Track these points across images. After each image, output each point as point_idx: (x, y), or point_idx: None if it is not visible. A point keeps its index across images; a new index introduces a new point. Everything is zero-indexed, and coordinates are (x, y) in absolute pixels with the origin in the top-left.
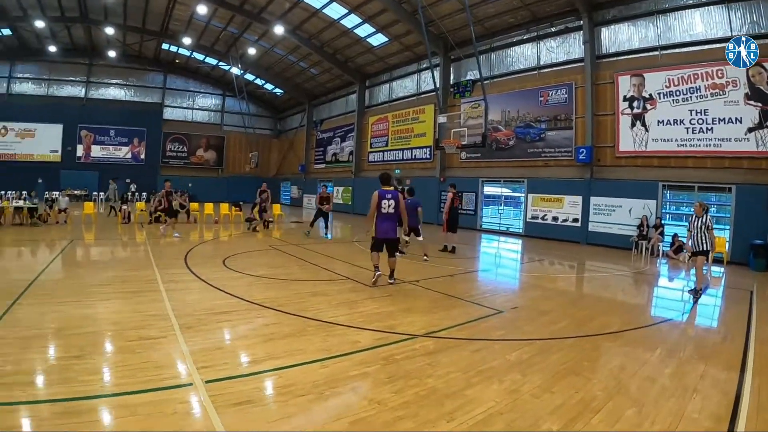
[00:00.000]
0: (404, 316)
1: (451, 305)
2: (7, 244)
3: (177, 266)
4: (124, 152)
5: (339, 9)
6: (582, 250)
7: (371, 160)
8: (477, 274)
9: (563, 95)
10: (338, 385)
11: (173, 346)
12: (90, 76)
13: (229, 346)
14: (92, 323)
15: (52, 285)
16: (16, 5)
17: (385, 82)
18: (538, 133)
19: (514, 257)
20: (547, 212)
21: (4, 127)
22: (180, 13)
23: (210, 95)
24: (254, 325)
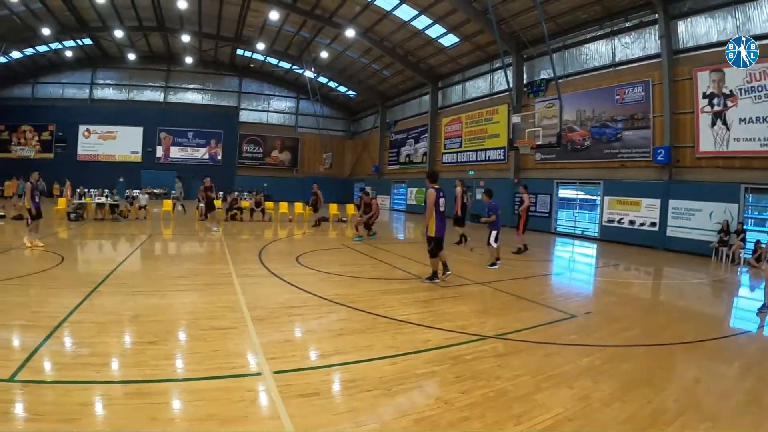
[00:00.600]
0: (475, 317)
1: (523, 308)
2: (89, 237)
3: (251, 261)
4: (202, 153)
5: (409, 10)
6: (659, 256)
7: (445, 161)
8: (550, 277)
9: (640, 93)
10: (405, 382)
11: (244, 337)
12: (168, 82)
13: (299, 339)
14: (167, 312)
15: (130, 276)
16: (96, 17)
17: (457, 82)
18: (614, 133)
19: (589, 261)
20: (624, 215)
21: (87, 130)
22: (253, 20)
23: (284, 98)
24: (324, 320)
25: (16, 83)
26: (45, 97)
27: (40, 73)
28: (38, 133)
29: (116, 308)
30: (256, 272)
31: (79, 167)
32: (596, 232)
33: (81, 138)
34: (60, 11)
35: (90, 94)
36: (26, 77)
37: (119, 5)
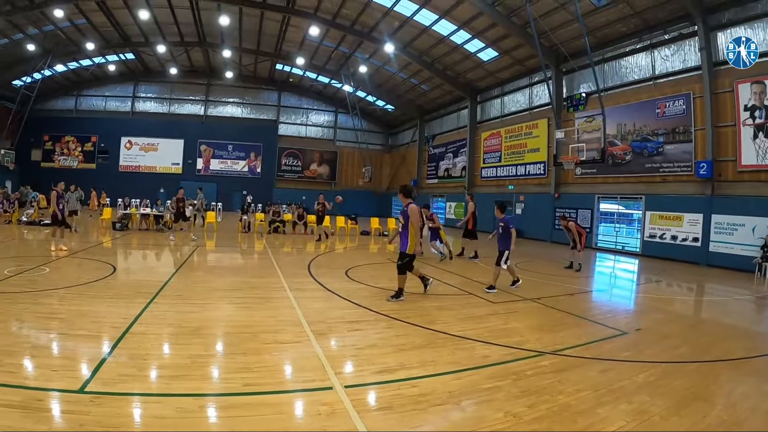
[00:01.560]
0: (530, 333)
1: (575, 324)
2: (136, 247)
3: (301, 275)
4: (242, 165)
5: (448, 25)
6: (701, 272)
7: (484, 175)
8: (596, 293)
9: (681, 106)
10: (473, 396)
11: (309, 351)
12: (208, 95)
13: (363, 353)
14: (228, 325)
15: (184, 287)
16: (138, 32)
17: (496, 96)
18: (655, 146)
19: (632, 277)
20: (666, 231)
21: (129, 142)
22: (293, 35)
23: (323, 112)
24: (384, 335)
25: (60, 95)
26: (88, 109)
27: (83, 86)
28: (81, 144)
29: (177, 320)
30: (308, 286)
31: (121, 178)
32: (638, 248)
33: (123, 149)
34: (103, 27)
35: (132, 106)
36: (70, 90)
37: (162, 21)
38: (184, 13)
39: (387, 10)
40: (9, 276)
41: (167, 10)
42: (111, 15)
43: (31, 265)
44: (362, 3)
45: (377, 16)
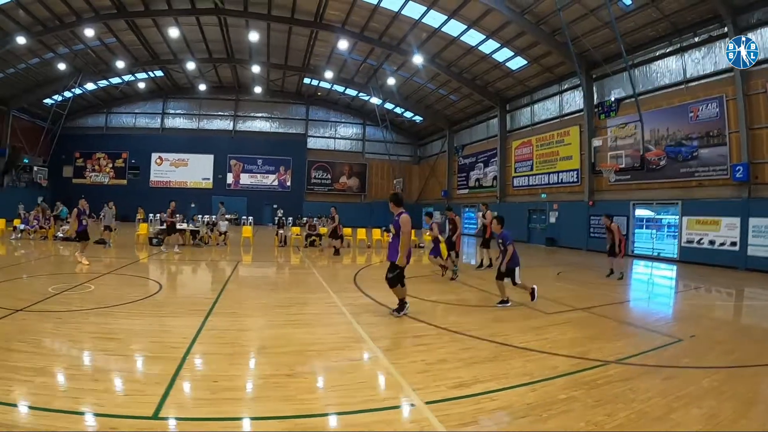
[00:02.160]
0: (590, 343)
1: (630, 333)
2: (176, 263)
3: (350, 289)
4: (271, 179)
5: (477, 35)
6: (740, 276)
7: (516, 184)
8: (641, 301)
9: (714, 109)
10: (552, 407)
11: (380, 368)
12: (237, 111)
13: (434, 368)
14: (291, 343)
15: (236, 304)
16: (167, 50)
17: (525, 105)
18: (690, 151)
19: (672, 284)
20: (703, 236)
21: (160, 158)
22: (320, 49)
23: (351, 124)
24: (450, 349)
25: (91, 113)
26: (118, 126)
27: (112, 104)
28: (112, 161)
29: (237, 339)
30: (359, 300)
31: (152, 193)
32: (675, 254)
33: (153, 165)
34: (132, 45)
35: (161, 123)
36: (100, 107)
37: (190, 39)
38: (212, 30)
39: (415, 22)
40: (54, 293)
41: (196, 27)
42: (140, 34)
43: (74, 282)
44: (390, 16)
45: (405, 28)
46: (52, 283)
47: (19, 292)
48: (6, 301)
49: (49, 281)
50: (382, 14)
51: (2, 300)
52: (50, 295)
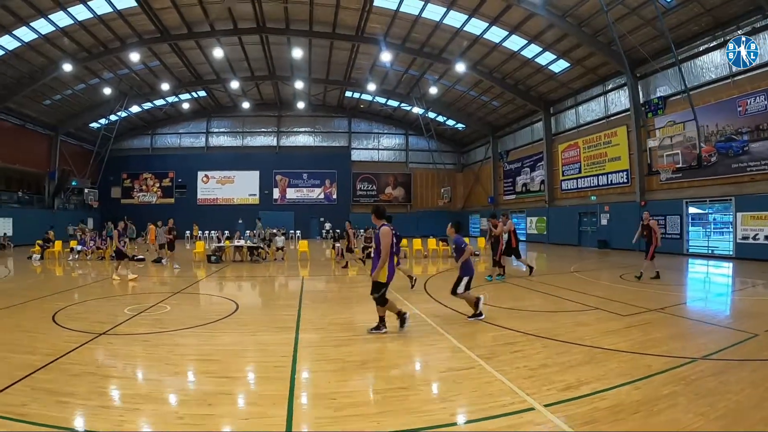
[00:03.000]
0: (673, 342)
1: (707, 330)
2: (242, 279)
3: (425, 300)
4: (317, 193)
5: (519, 40)
6: None
7: (564, 188)
8: (707, 300)
9: (763, 102)
10: (659, 402)
11: (488, 375)
12: (280, 126)
13: (539, 373)
14: (392, 356)
15: (319, 319)
16: (210, 70)
17: (570, 107)
18: (740, 146)
19: (730, 282)
20: (759, 231)
21: (206, 176)
22: (362, 62)
23: (393, 135)
24: (546, 354)
25: (136, 135)
26: (163, 146)
27: (157, 125)
28: (159, 180)
29: (336, 355)
30: (442, 311)
31: (200, 210)
32: (731, 251)
33: (200, 183)
34: (176, 67)
35: (206, 142)
36: (145, 129)
37: (233, 58)
38: (254, 48)
39: (456, 31)
40: (131, 315)
41: (238, 47)
42: (183, 55)
43: (147, 303)
44: (431, 26)
45: (447, 37)
46: (124, 305)
47: (94, 315)
48: (85, 325)
49: (120, 303)
50: (423, 25)
51: (81, 323)
52: (128, 317)
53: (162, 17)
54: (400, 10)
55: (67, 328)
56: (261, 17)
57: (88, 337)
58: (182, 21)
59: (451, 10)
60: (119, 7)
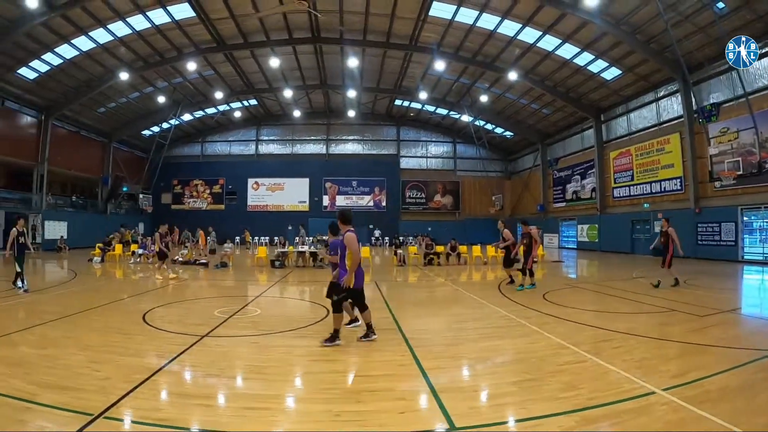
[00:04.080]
0: (752, 337)
1: None
2: (316, 283)
3: (509, 304)
4: (367, 200)
5: (572, 48)
6: None
7: (617, 195)
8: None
9: None
10: (756, 385)
11: (600, 368)
12: (329, 135)
13: (647, 363)
14: (504, 353)
15: (416, 321)
16: (263, 79)
17: (621, 114)
18: None
19: None
20: None
21: (256, 183)
22: (413, 71)
23: (441, 143)
24: (645, 348)
25: (186, 142)
26: (213, 153)
27: (207, 133)
28: (209, 187)
29: (453, 352)
30: (527, 313)
31: (250, 217)
32: None
33: (250, 190)
34: (229, 76)
35: (256, 149)
36: (195, 137)
37: (286, 68)
38: (307, 58)
39: (510, 39)
40: (224, 317)
41: (291, 56)
42: (237, 65)
43: (233, 305)
44: (485, 35)
45: (500, 46)
46: (211, 308)
47: (186, 317)
48: (181, 327)
49: (206, 305)
50: (477, 34)
51: (176, 326)
52: (221, 319)
53: (219, 27)
54: (455, 19)
55: (164, 330)
56: (316, 27)
57: (192, 338)
58: (238, 31)
59: (505, 19)
60: (177, 17)
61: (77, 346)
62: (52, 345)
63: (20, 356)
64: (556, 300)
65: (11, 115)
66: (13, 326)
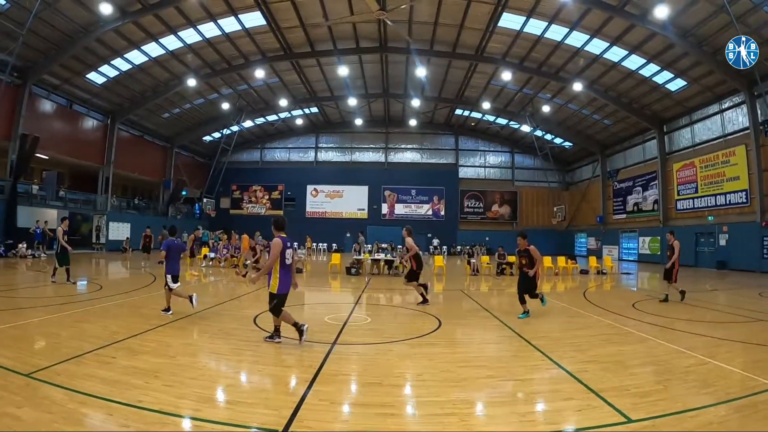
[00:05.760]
0: None
1: None
2: (400, 292)
3: (601, 313)
4: (425, 209)
5: (638, 60)
6: None
7: (680, 207)
8: None
9: None
10: None
11: (721, 369)
12: (388, 143)
13: (762, 366)
14: (631, 357)
15: (532, 330)
16: (325, 87)
17: (684, 126)
18: None
19: None
20: None
21: (315, 189)
22: (477, 81)
23: (499, 153)
24: (757, 352)
25: (246, 148)
26: (272, 160)
27: (266, 139)
28: (268, 193)
29: (589, 356)
30: (626, 322)
31: (308, 223)
32: None
33: (309, 197)
34: (293, 84)
35: (315, 156)
36: (254, 143)
37: (350, 76)
38: (372, 67)
39: (576, 50)
40: (339, 324)
41: (356, 65)
42: (302, 73)
43: (338, 313)
44: (552, 45)
45: (566, 57)
46: (318, 314)
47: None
48: (294, 333)
49: (312, 312)
50: (544, 44)
51: (296, 333)
52: (338, 326)
53: (288, 36)
54: (523, 30)
55: (286, 336)
56: (384, 37)
57: (322, 346)
58: (307, 39)
59: (573, 30)
60: (248, 26)
61: (205, 353)
62: (177, 353)
63: (150, 366)
64: (647, 310)
65: (79, 118)
66: (121, 332)
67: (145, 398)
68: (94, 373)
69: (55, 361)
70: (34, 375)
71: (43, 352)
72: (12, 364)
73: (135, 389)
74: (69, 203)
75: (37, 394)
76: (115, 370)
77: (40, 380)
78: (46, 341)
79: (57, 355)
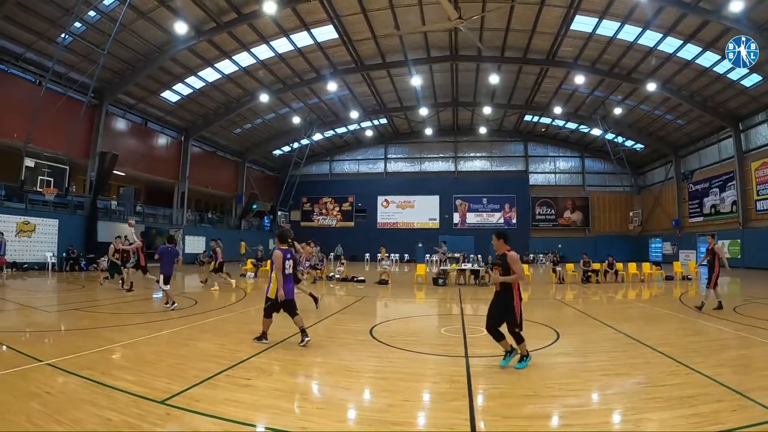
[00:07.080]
0: None
1: None
2: (474, 301)
3: (678, 321)
4: (497, 218)
5: (712, 56)
6: None
7: (760, 208)
8: None
9: None
10: None
11: None
12: (457, 152)
13: None
14: (762, 360)
15: (643, 334)
16: (395, 98)
17: (761, 122)
18: None
19: None
20: None
21: (386, 200)
22: (548, 86)
23: (569, 158)
24: None
25: (315, 161)
26: (341, 172)
27: (335, 152)
28: (339, 204)
29: (724, 360)
30: (735, 327)
31: (380, 234)
32: None
33: (380, 207)
34: (363, 96)
35: (384, 167)
36: (323, 156)
37: (421, 86)
38: (442, 76)
39: (649, 50)
40: (457, 336)
41: (427, 75)
42: (372, 84)
43: (451, 325)
44: (624, 46)
45: (638, 57)
46: (429, 326)
47: (423, 337)
48: (429, 347)
49: (423, 323)
50: (616, 46)
51: (423, 346)
52: (457, 339)
53: (359, 48)
54: (595, 32)
55: (415, 351)
56: (455, 45)
57: (455, 359)
58: (378, 51)
59: (647, 30)
60: (320, 39)
61: (338, 370)
62: (308, 371)
63: (290, 387)
64: (750, 314)
65: (153, 135)
66: (242, 350)
67: (308, 424)
68: (237, 398)
69: (187, 385)
70: (169, 402)
71: (168, 374)
72: (141, 390)
73: (289, 414)
74: (146, 218)
75: (183, 424)
76: (258, 393)
77: (179, 407)
78: (165, 362)
79: (186, 378)
